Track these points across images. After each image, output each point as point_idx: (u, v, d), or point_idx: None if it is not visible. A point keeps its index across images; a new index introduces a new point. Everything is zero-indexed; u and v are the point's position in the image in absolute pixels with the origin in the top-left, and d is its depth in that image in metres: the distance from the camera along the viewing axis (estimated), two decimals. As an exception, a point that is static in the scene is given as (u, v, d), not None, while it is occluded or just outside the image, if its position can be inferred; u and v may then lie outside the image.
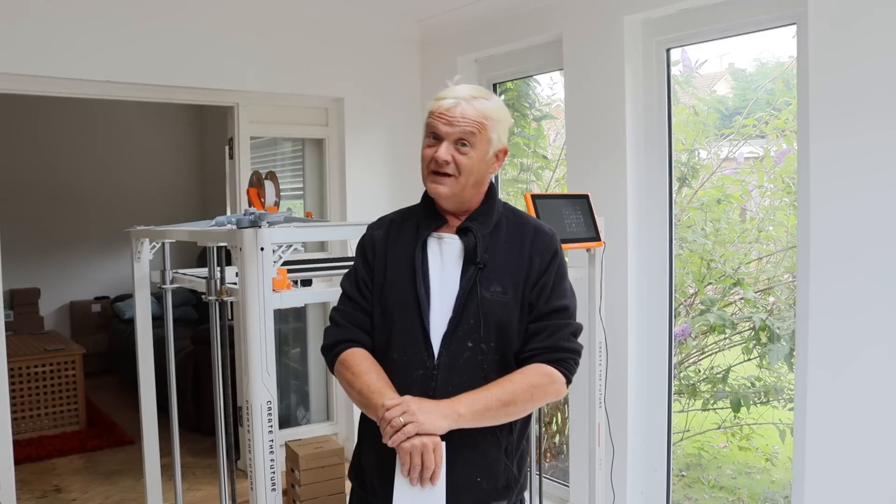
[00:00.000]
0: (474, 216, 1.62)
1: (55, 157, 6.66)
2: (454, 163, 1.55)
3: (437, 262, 1.61)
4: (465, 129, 1.55)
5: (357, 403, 1.61)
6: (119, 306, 6.65)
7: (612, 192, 3.16)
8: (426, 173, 1.59)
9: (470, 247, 1.59)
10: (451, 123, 1.55)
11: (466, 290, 1.56)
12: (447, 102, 1.56)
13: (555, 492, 3.61)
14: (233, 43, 3.69)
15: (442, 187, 1.57)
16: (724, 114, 3.82)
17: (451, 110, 1.55)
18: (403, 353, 1.58)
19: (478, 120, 1.55)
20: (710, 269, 3.68)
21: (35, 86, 3.35)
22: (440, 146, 1.56)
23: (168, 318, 2.99)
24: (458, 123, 1.54)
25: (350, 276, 1.70)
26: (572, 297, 1.65)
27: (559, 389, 1.58)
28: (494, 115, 1.58)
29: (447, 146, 1.55)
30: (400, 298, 1.59)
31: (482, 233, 1.60)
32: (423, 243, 1.61)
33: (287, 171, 4.40)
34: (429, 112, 1.60)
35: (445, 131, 1.55)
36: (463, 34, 3.98)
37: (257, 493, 2.09)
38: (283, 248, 2.15)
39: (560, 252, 1.66)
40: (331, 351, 1.66)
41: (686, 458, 3.87)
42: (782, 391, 3.43)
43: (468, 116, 1.55)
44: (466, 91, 1.58)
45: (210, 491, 3.82)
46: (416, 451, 1.44)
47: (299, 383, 4.44)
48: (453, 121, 1.55)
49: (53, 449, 4.52)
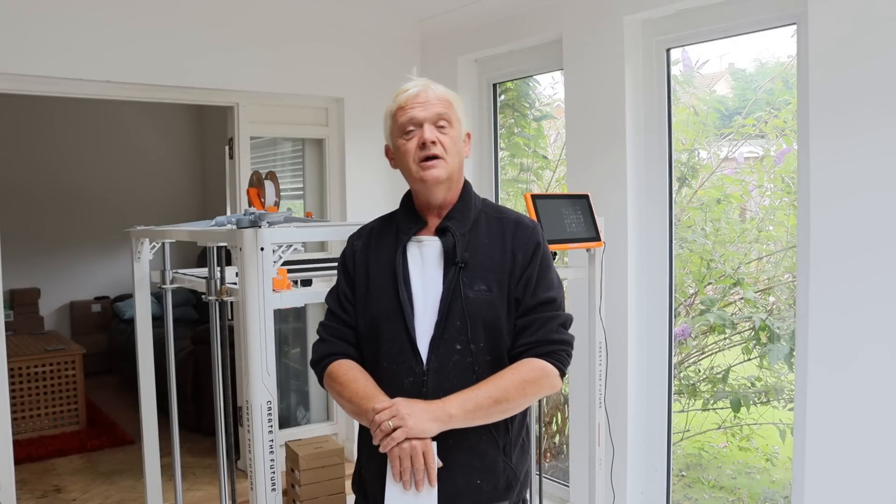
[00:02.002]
0: (451, 214, 1.61)
1: (55, 157, 6.66)
2: (440, 143, 1.56)
3: (417, 267, 1.59)
4: (439, 107, 1.56)
5: (349, 413, 1.60)
6: (119, 306, 6.65)
7: (612, 192, 3.16)
8: (415, 165, 1.57)
9: (449, 247, 1.57)
10: (425, 106, 1.56)
11: (450, 291, 1.54)
12: (413, 90, 1.58)
13: (555, 492, 3.61)
14: (233, 43, 3.69)
15: (437, 170, 1.55)
16: (724, 114, 3.81)
17: (420, 95, 1.57)
18: (392, 362, 1.56)
19: (446, 98, 1.59)
20: (710, 269, 3.68)
21: (35, 86, 3.35)
22: (422, 131, 1.55)
23: (168, 318, 2.99)
24: (433, 103, 1.56)
25: (333, 291, 1.71)
26: (559, 287, 1.63)
27: (553, 382, 1.56)
28: (451, 96, 1.62)
29: (429, 128, 1.55)
30: (384, 307, 1.58)
31: (461, 231, 1.58)
32: (402, 249, 1.60)
33: (287, 171, 4.40)
34: (395, 109, 1.59)
35: (423, 115, 1.56)
36: (463, 34, 3.98)
37: (257, 493, 2.09)
38: (283, 248, 2.15)
39: (543, 243, 1.63)
40: (318, 365, 1.67)
41: (686, 458, 3.87)
42: (782, 391, 3.43)
43: (438, 96, 1.58)
44: (421, 80, 1.61)
45: (210, 491, 3.82)
46: (406, 455, 1.44)
47: (299, 383, 4.44)
48: (426, 103, 1.56)
49: (53, 449, 4.52)
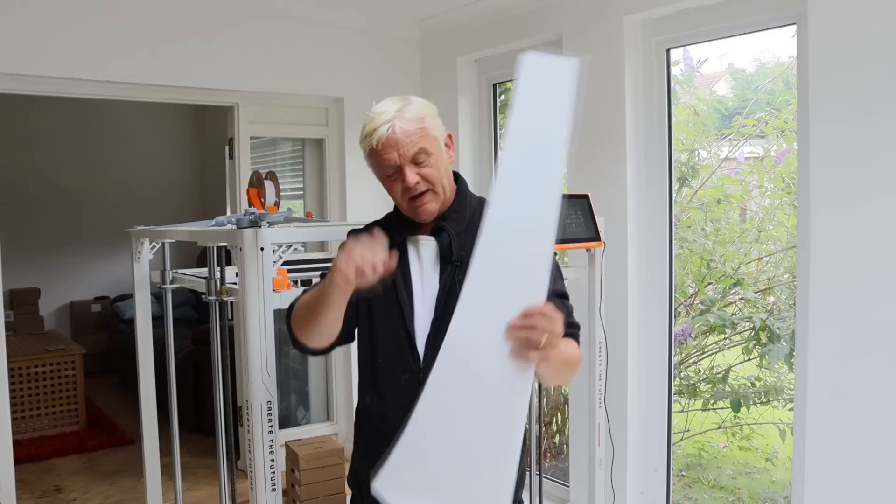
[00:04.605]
0: (447, 215, 1.59)
1: (55, 158, 6.66)
2: (424, 179, 1.52)
3: (416, 266, 1.59)
4: (413, 144, 1.49)
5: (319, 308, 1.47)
6: (119, 306, 6.65)
7: (612, 192, 3.16)
8: (405, 203, 1.55)
9: (445, 246, 1.56)
10: (398, 148, 1.48)
11: (445, 289, 1.53)
12: (381, 131, 1.47)
13: (555, 492, 3.61)
14: (233, 43, 3.69)
15: (428, 205, 1.54)
16: (724, 114, 3.82)
17: (390, 138, 1.48)
18: (389, 358, 1.56)
19: (417, 127, 1.49)
20: (710, 269, 3.68)
21: (35, 86, 3.35)
22: (404, 174, 1.50)
23: (168, 318, 2.99)
24: (405, 144, 1.48)
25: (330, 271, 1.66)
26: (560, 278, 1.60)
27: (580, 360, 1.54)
28: (423, 111, 1.53)
29: (409, 169, 1.50)
30: (382, 304, 1.57)
31: (456, 230, 1.57)
32: (400, 246, 1.59)
33: (287, 171, 4.40)
34: (369, 152, 1.52)
35: (399, 160, 1.49)
36: (463, 34, 3.98)
37: (257, 493, 2.09)
38: (283, 248, 2.15)
39: None
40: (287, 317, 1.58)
41: (686, 458, 3.87)
42: (782, 391, 3.43)
43: (408, 130, 1.48)
44: (389, 107, 1.50)
45: (210, 491, 3.82)
46: None
47: (299, 383, 4.44)
48: (399, 144, 1.48)
49: (53, 449, 4.52)
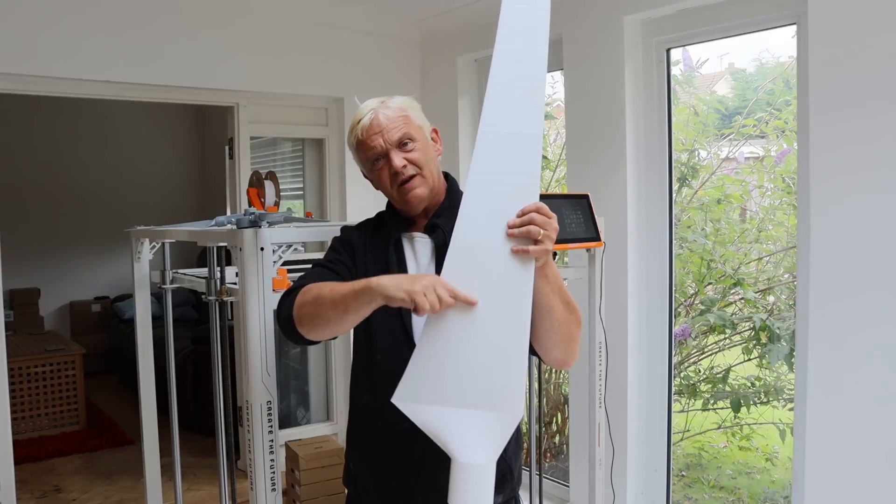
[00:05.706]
0: (439, 212, 1.62)
1: (55, 157, 6.66)
2: (411, 163, 1.56)
3: (412, 263, 1.60)
4: (398, 129, 1.55)
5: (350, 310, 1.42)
6: (119, 306, 6.65)
7: (612, 192, 3.16)
8: (395, 190, 1.58)
9: (439, 243, 1.57)
10: (383, 133, 1.55)
11: None
12: (366, 120, 1.56)
13: (555, 492, 3.61)
14: (233, 43, 3.69)
15: (417, 190, 1.56)
16: (724, 114, 3.82)
17: (374, 124, 1.55)
18: (386, 355, 1.56)
19: (400, 115, 1.56)
20: (710, 269, 3.68)
21: (35, 86, 3.35)
22: (390, 158, 1.55)
23: (168, 318, 2.99)
24: (390, 128, 1.55)
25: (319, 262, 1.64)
26: None
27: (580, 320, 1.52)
28: (406, 103, 1.60)
29: (395, 153, 1.55)
30: None
31: (449, 227, 1.55)
32: (395, 243, 1.61)
33: (287, 171, 4.40)
34: (356, 143, 1.59)
35: (384, 145, 1.55)
36: (463, 34, 3.98)
37: (257, 493, 2.09)
38: (283, 248, 2.15)
39: None
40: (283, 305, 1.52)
41: (686, 458, 3.87)
42: (782, 391, 3.43)
43: (391, 117, 1.55)
44: (372, 102, 1.59)
45: (210, 491, 3.82)
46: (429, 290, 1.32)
47: (299, 383, 4.44)
48: (384, 130, 1.55)
49: (53, 449, 4.52)
